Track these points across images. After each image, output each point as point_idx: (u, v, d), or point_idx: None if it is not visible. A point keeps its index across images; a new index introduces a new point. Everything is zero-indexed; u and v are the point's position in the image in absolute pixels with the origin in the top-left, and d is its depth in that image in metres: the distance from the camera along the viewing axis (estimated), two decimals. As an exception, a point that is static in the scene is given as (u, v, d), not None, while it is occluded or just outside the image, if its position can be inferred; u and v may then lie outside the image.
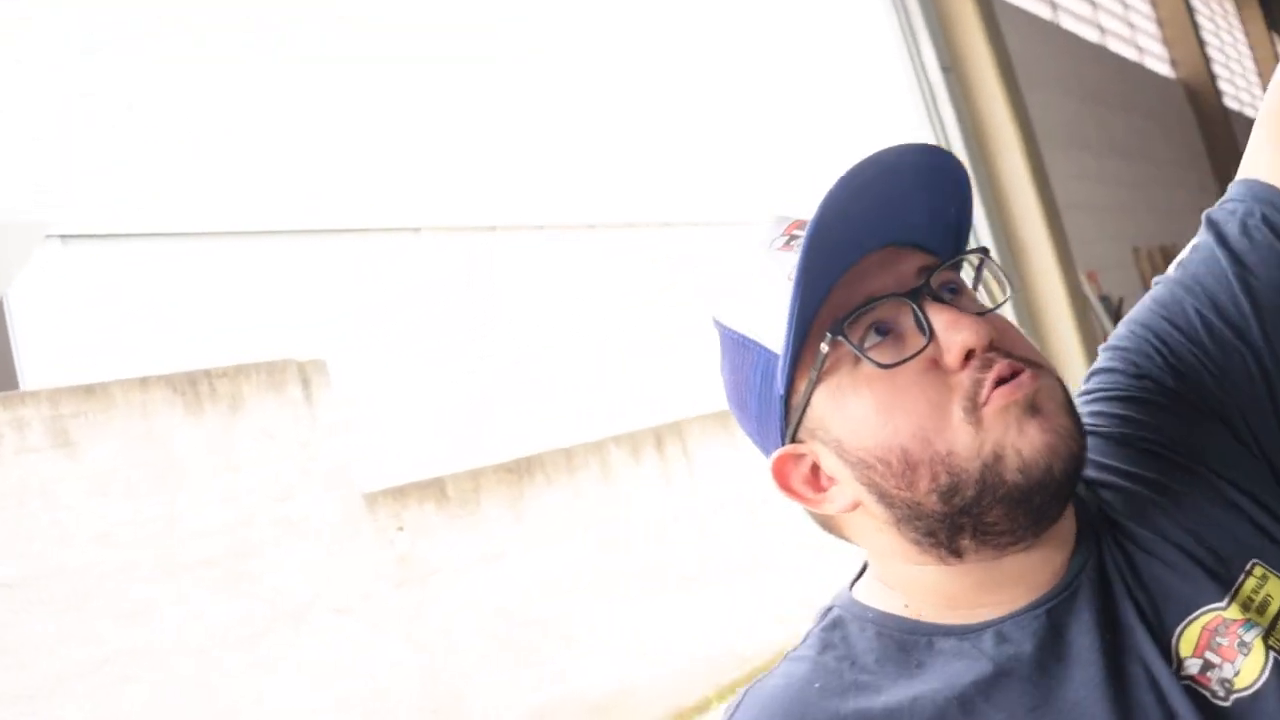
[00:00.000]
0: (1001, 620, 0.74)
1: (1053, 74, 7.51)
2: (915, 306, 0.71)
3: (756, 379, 0.76)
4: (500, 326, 4.62)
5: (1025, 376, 0.68)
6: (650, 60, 5.31)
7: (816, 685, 0.75)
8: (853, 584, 0.83)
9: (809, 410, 0.75)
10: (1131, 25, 10.65)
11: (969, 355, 0.69)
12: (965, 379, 0.69)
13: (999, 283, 0.77)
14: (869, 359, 0.71)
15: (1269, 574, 0.73)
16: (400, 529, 3.70)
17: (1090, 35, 9.18)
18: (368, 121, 4.26)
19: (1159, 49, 11.24)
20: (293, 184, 3.98)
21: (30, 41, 3.28)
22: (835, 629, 0.79)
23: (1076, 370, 5.60)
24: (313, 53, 4.11)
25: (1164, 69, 11.08)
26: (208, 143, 3.69)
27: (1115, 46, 9.69)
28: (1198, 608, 0.72)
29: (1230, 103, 13.16)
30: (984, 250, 0.77)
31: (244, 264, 3.77)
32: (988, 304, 0.74)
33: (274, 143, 3.91)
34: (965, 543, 0.72)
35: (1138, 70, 9.95)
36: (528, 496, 4.27)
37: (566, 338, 4.92)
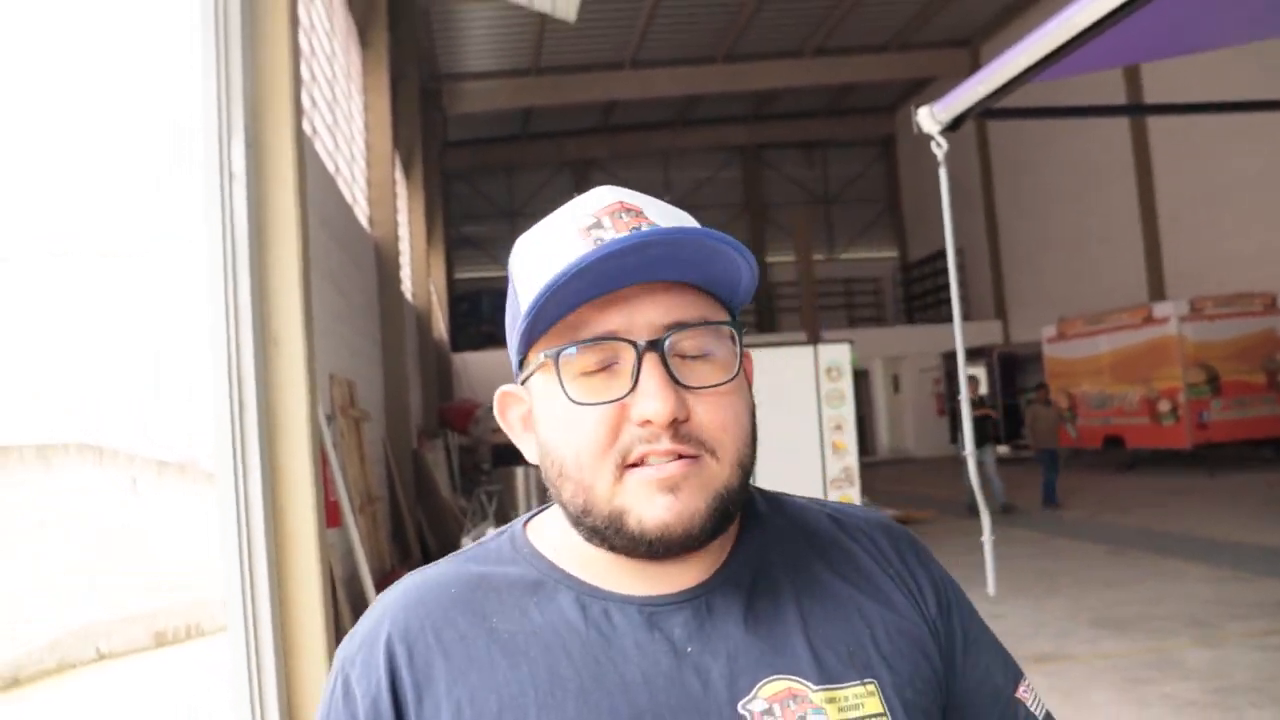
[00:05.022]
0: (612, 597, 0.89)
1: (310, 183, 7.63)
2: (638, 358, 0.83)
3: (510, 325, 0.91)
4: None
5: (674, 466, 0.82)
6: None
7: (453, 591, 0.91)
8: (531, 516, 0.98)
9: (533, 376, 0.89)
10: (353, 176, 11.35)
11: (647, 420, 0.82)
12: (631, 438, 0.83)
13: (734, 359, 0.87)
14: (566, 393, 0.84)
15: (877, 693, 0.88)
16: None
17: (330, 166, 9.57)
18: None
19: (365, 206, 12.09)
20: None
21: None
22: (498, 552, 0.95)
23: (301, 454, 5.56)
24: None
25: (365, 223, 11.91)
26: None
27: (341, 187, 10.21)
28: (793, 674, 0.87)
29: (404, 273, 14.76)
30: (731, 323, 0.88)
31: None
32: (719, 378, 0.85)
33: None
34: (598, 542, 0.86)
35: (350, 214, 10.57)
36: None
37: None
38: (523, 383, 0.91)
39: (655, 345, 0.83)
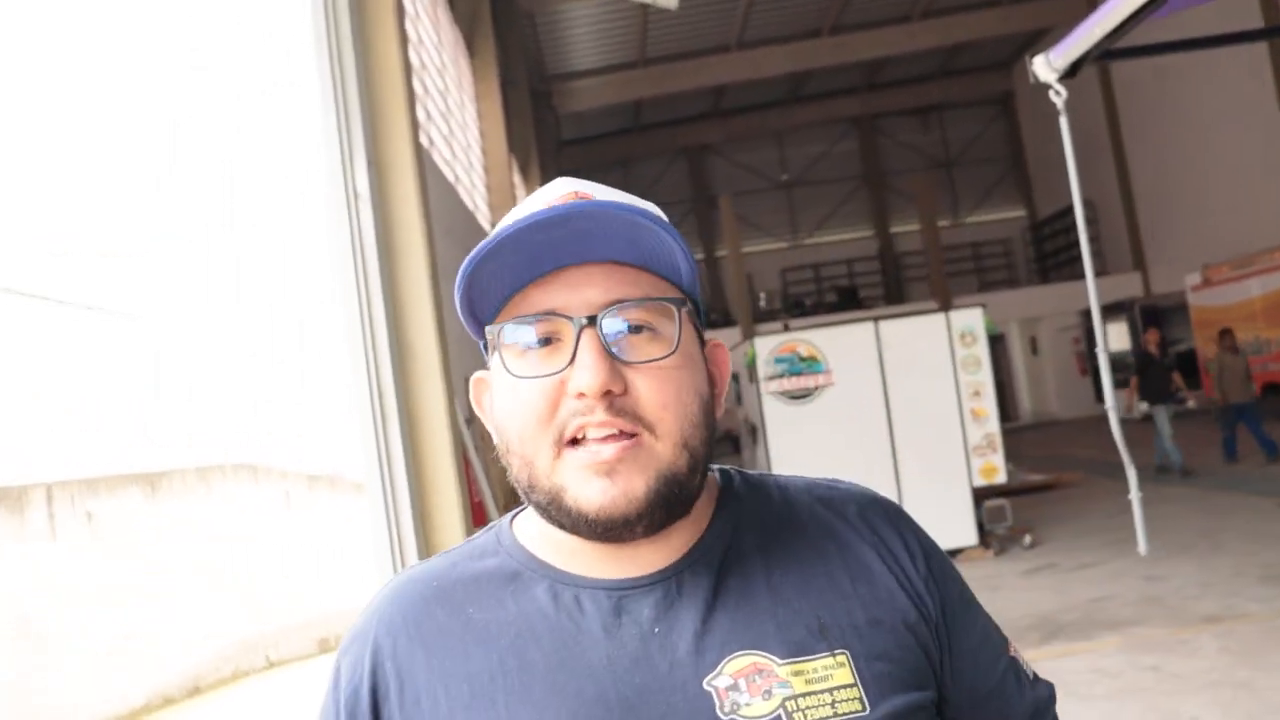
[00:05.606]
0: (583, 583, 0.91)
1: (431, 194, 7.83)
2: (576, 334, 0.84)
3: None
4: None
5: (610, 450, 0.83)
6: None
7: (435, 584, 0.95)
8: (518, 511, 1.00)
9: (492, 357, 0.91)
10: (473, 183, 11.58)
11: (582, 393, 0.83)
12: (569, 412, 0.84)
13: (676, 336, 0.88)
14: (505, 366, 0.87)
15: (848, 663, 0.89)
16: None
17: (449, 176, 9.78)
18: None
19: (486, 211, 12.33)
20: None
21: None
22: (483, 546, 0.98)
23: (444, 459, 5.70)
24: None
25: (488, 228, 12.14)
26: None
27: (462, 195, 10.42)
28: (759, 649, 0.88)
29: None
30: (677, 301, 0.89)
31: None
32: (659, 353, 0.86)
33: None
34: (548, 519, 0.88)
35: (473, 220, 10.78)
36: None
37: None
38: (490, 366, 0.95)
39: (593, 320, 0.85)
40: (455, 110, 11.18)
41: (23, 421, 8.38)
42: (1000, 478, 8.97)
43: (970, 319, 9.03)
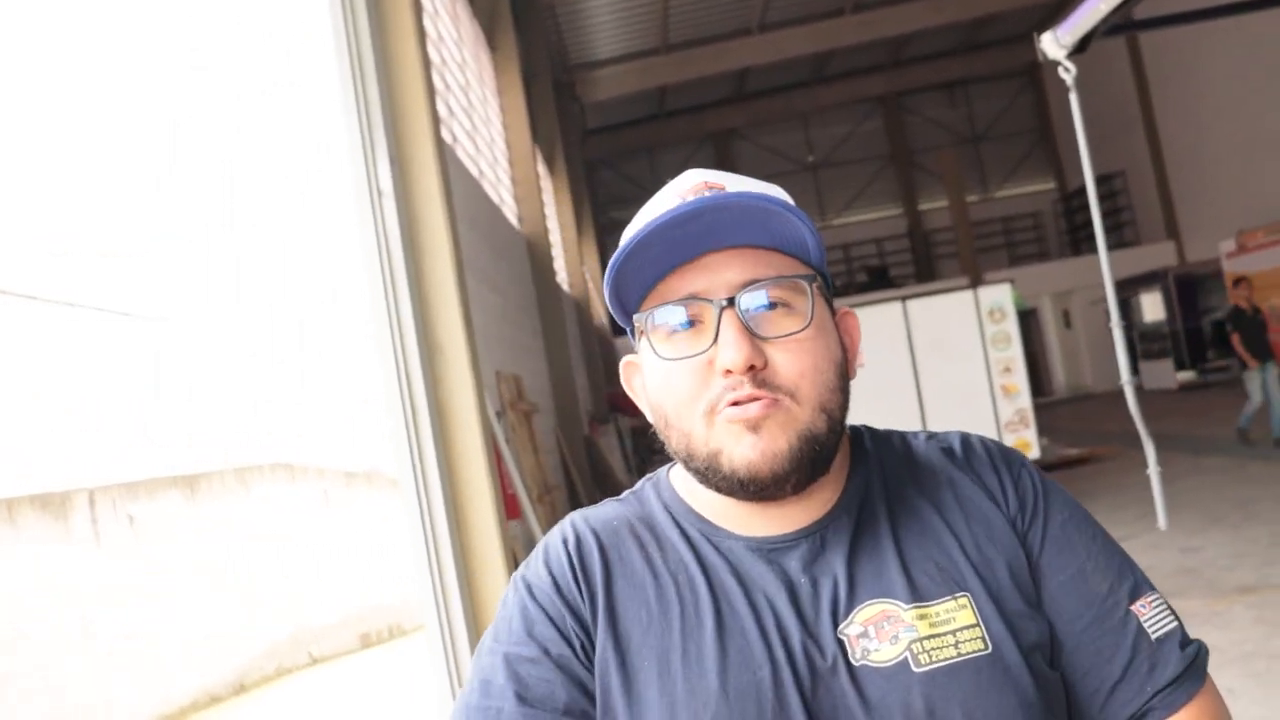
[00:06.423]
0: (736, 537, 0.99)
1: (456, 189, 7.87)
2: (717, 315, 0.92)
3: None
4: None
5: (755, 406, 0.90)
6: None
7: (614, 523, 1.04)
8: (674, 464, 1.07)
9: (640, 342, 1.00)
10: (498, 177, 11.63)
11: (728, 370, 0.90)
12: (717, 387, 0.92)
13: (809, 310, 0.95)
14: (654, 350, 0.96)
15: (969, 605, 0.95)
16: None
17: (473, 170, 9.83)
18: None
19: (512, 204, 12.37)
20: None
21: None
22: (645, 495, 1.07)
23: (475, 452, 5.75)
24: None
25: (514, 221, 12.18)
26: None
27: (487, 189, 10.47)
28: (887, 597, 0.95)
29: (557, 265, 15.10)
30: (808, 277, 0.97)
31: None
32: (794, 327, 0.94)
33: None
34: (706, 485, 0.97)
35: (498, 214, 10.83)
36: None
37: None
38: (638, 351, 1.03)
39: (732, 301, 0.92)
40: (478, 105, 11.23)
41: (57, 426, 8.52)
42: (1033, 453, 8.95)
43: (998, 295, 9.00)
